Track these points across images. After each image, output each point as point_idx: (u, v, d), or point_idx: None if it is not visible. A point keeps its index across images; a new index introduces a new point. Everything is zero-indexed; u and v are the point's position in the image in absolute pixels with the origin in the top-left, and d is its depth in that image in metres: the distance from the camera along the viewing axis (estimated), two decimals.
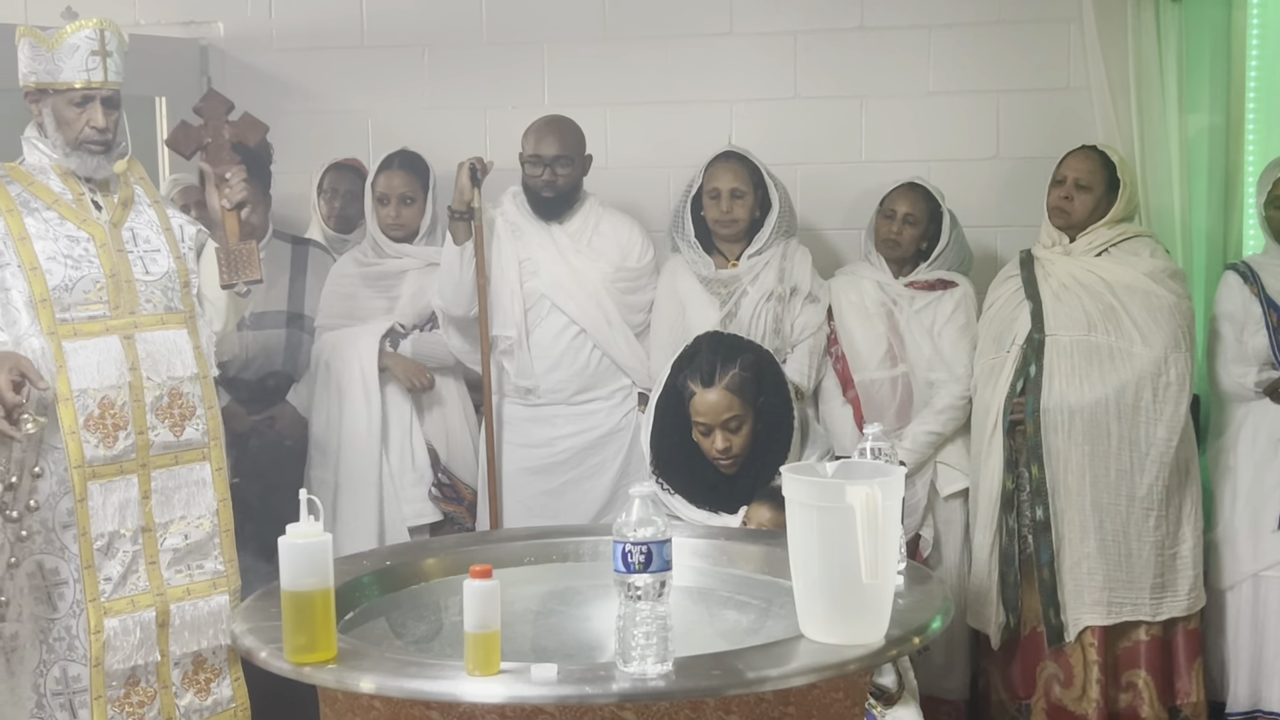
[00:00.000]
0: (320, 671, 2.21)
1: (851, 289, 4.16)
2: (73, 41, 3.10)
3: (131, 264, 3.19)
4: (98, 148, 3.16)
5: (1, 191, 3.14)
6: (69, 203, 3.17)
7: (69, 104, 3.13)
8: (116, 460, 3.12)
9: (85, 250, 3.14)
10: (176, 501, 3.21)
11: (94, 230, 3.17)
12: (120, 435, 3.11)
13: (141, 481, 3.16)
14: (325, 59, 4.83)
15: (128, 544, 3.14)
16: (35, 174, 3.18)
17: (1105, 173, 3.99)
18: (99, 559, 3.11)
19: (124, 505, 3.13)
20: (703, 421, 3.37)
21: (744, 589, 2.85)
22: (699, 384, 3.38)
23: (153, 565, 3.18)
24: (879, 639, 2.28)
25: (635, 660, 2.12)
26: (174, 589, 3.20)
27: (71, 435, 3.06)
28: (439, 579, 2.87)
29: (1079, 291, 3.91)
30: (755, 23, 4.64)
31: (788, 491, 2.30)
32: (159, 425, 3.17)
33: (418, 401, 4.15)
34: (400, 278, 4.21)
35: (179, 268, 3.27)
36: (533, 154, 4.07)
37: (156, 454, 3.18)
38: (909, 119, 4.60)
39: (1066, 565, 3.84)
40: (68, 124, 3.15)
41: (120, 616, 3.13)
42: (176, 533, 3.21)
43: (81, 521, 3.08)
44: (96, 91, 3.13)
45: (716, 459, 3.37)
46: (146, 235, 3.26)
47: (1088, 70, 4.43)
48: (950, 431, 4.05)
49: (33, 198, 3.15)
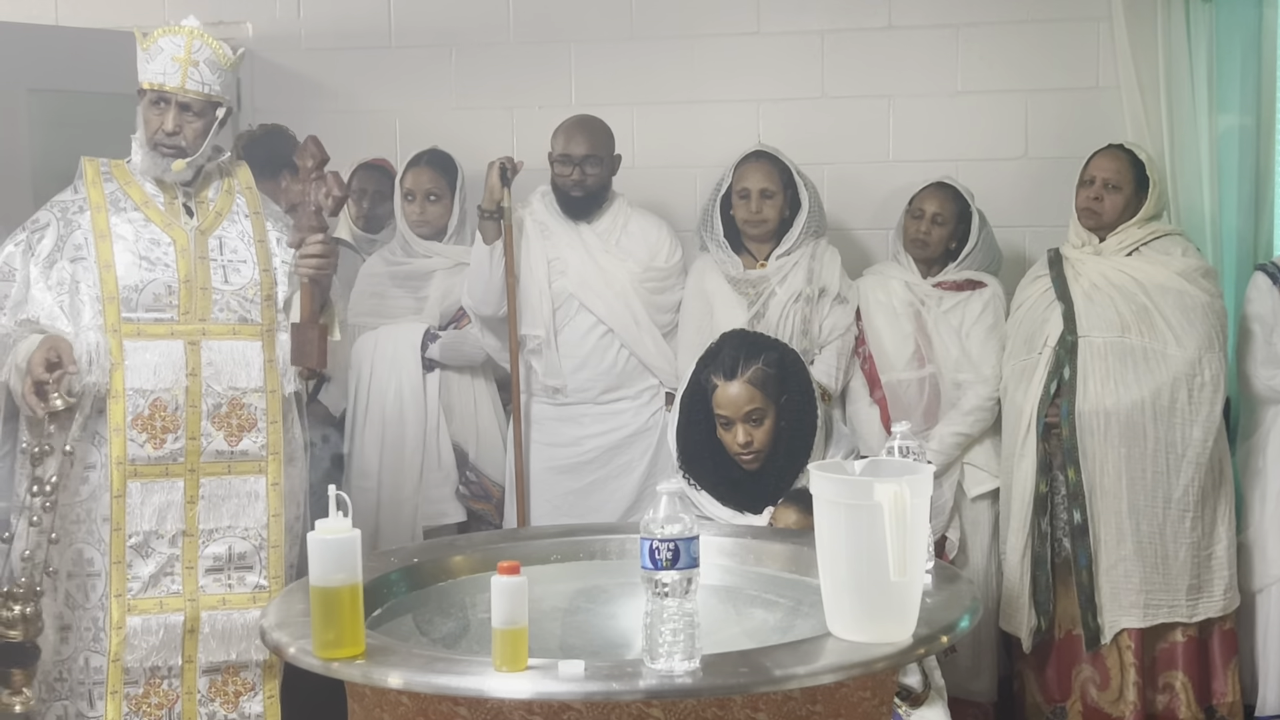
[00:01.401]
0: (349, 667, 2.22)
1: (879, 289, 4.15)
2: (160, 44, 3.18)
3: (211, 272, 3.22)
4: (169, 151, 3.20)
5: (97, 187, 3.22)
6: (159, 206, 3.24)
7: (149, 104, 3.21)
8: (161, 462, 3.15)
9: (164, 254, 3.19)
10: (225, 510, 3.21)
11: (177, 235, 3.22)
12: (169, 438, 3.14)
13: (188, 486, 3.18)
14: (353, 59, 4.85)
15: (165, 546, 3.16)
16: (134, 173, 3.25)
17: (1134, 172, 3.97)
18: (130, 556, 3.12)
19: (165, 508, 3.15)
20: (724, 414, 3.37)
21: (771, 587, 2.84)
22: (721, 377, 3.38)
23: (189, 570, 3.18)
24: (907, 638, 2.27)
25: (662, 657, 2.12)
26: (208, 597, 3.19)
27: (117, 432, 3.10)
28: (466, 576, 2.87)
29: (1111, 292, 3.89)
30: (782, 22, 4.64)
31: (816, 488, 2.29)
32: (214, 433, 3.18)
33: (446, 401, 4.16)
34: (428, 277, 4.23)
35: (264, 280, 3.28)
36: (562, 153, 4.08)
37: (208, 460, 3.18)
38: (937, 118, 4.59)
39: (1103, 568, 3.82)
40: (146, 123, 3.22)
41: (144, 615, 3.14)
42: (220, 541, 3.20)
43: (116, 517, 3.11)
44: (171, 95, 3.17)
45: (738, 454, 3.37)
46: (235, 245, 3.28)
47: (1117, 69, 4.41)
48: (978, 433, 4.03)
49: (124, 197, 3.23)
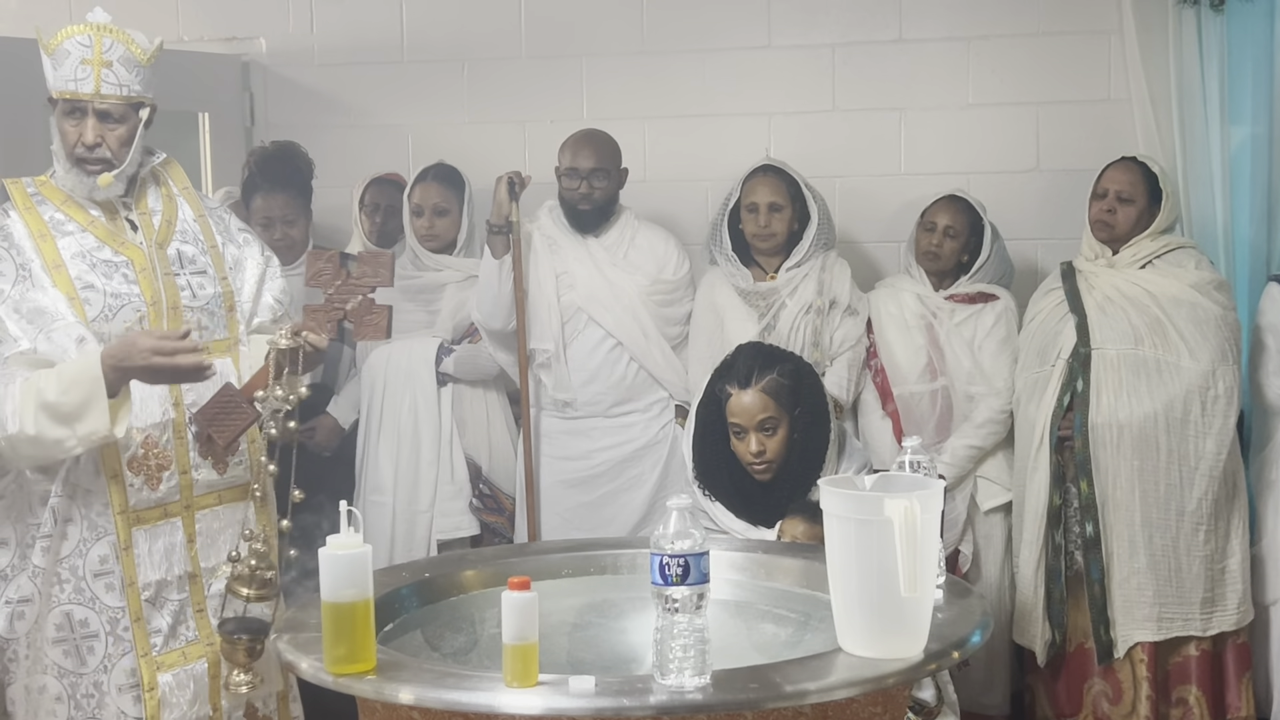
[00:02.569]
0: (359, 682, 2.22)
1: (891, 302, 4.14)
2: (66, 46, 2.82)
3: (179, 288, 2.95)
4: (93, 166, 2.86)
5: (32, 212, 2.87)
6: (104, 224, 2.91)
7: (63, 115, 2.86)
8: (161, 503, 2.91)
9: (125, 276, 2.88)
10: (222, 543, 2.99)
11: (133, 254, 2.91)
12: (164, 476, 2.90)
13: (186, 524, 2.95)
14: (366, 74, 4.87)
15: (174, 592, 2.94)
16: (66, 190, 2.91)
17: (1147, 184, 3.96)
18: (147, 611, 2.90)
19: (169, 551, 2.93)
20: (737, 422, 3.37)
21: (782, 602, 2.84)
22: (736, 386, 3.39)
23: (200, 613, 2.98)
24: (918, 653, 2.27)
25: (673, 673, 2.12)
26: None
27: (114, 479, 2.84)
28: (477, 591, 2.87)
29: (1124, 304, 3.88)
30: (793, 36, 4.65)
31: (826, 504, 2.29)
32: (202, 464, 2.96)
33: (460, 415, 4.17)
34: (440, 291, 4.23)
35: (224, 290, 3.03)
36: (569, 167, 4.09)
37: (200, 494, 2.97)
38: (949, 131, 4.59)
39: (1116, 581, 3.81)
40: (63, 136, 2.87)
41: (174, 670, 2.92)
42: (223, 577, 2.94)
43: (127, 572, 2.86)
44: (86, 103, 2.83)
45: (751, 463, 3.37)
46: (192, 255, 3.01)
47: (1129, 82, 4.41)
48: (991, 445, 4.03)
49: (66, 219, 2.89)
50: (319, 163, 4.44)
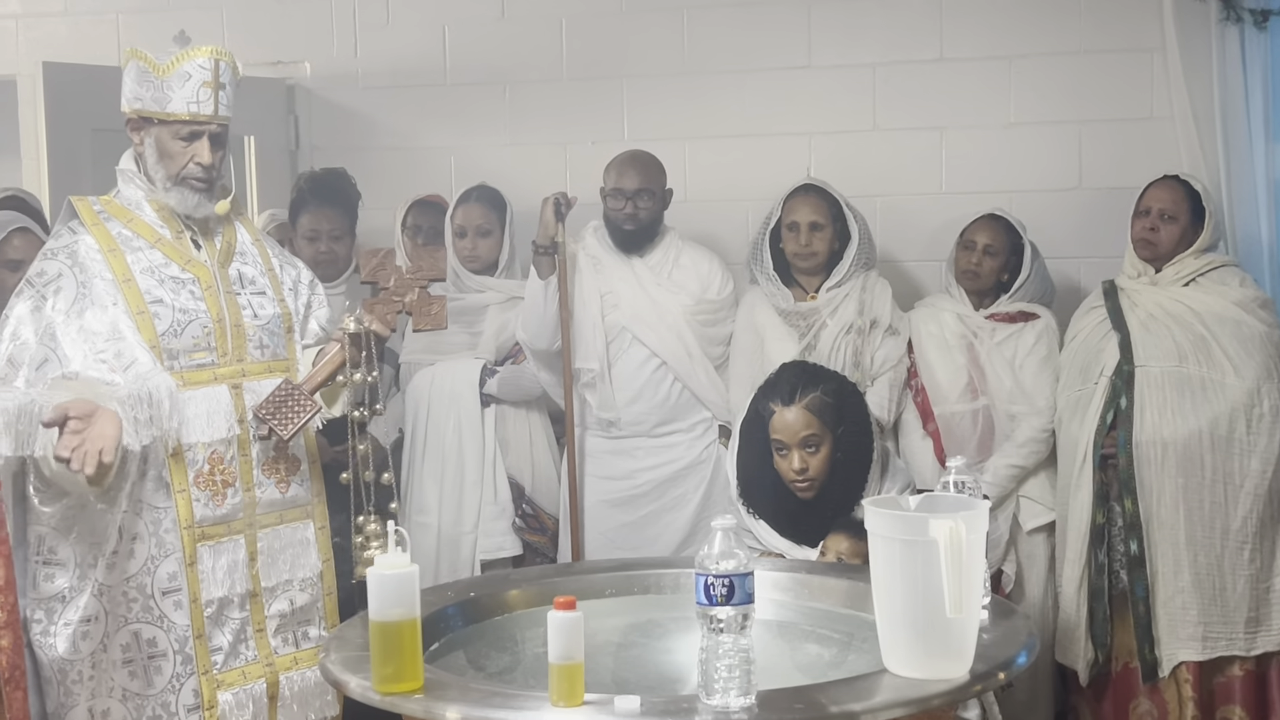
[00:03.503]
0: (407, 701, 2.24)
1: (931, 321, 4.14)
2: (185, 69, 2.89)
3: (241, 307, 3.00)
4: (200, 184, 2.95)
5: (99, 228, 2.93)
6: (170, 241, 2.97)
7: (174, 137, 2.92)
8: (225, 520, 2.93)
9: (191, 293, 2.94)
10: (282, 563, 3.02)
11: (199, 271, 2.98)
12: (229, 493, 2.93)
13: (248, 542, 2.97)
14: (409, 97, 4.92)
15: (235, 610, 2.95)
16: (132, 209, 2.97)
17: (1190, 202, 3.94)
18: (209, 628, 2.91)
19: (233, 568, 2.94)
20: (780, 439, 3.38)
21: (825, 622, 2.84)
22: (779, 403, 3.40)
23: (260, 633, 2.98)
24: (964, 674, 2.26)
25: (718, 693, 2.13)
26: (281, 658, 3.01)
27: (181, 493, 2.86)
28: (522, 610, 2.89)
29: (1168, 322, 3.86)
30: (833, 55, 4.66)
31: (870, 525, 2.29)
32: (265, 481, 2.99)
33: (503, 435, 4.19)
34: (482, 313, 4.26)
35: (283, 311, 3.08)
36: (614, 187, 4.12)
37: (262, 512, 2.99)
38: (989, 150, 4.58)
39: (1160, 600, 3.79)
40: (171, 158, 2.93)
41: (233, 689, 2.93)
42: (282, 597, 3.02)
43: (192, 588, 2.87)
44: (205, 126, 2.92)
45: (794, 481, 3.37)
46: (253, 276, 3.06)
47: (1171, 100, 4.39)
48: (1032, 465, 4.01)
49: (134, 235, 2.94)
50: (362, 185, 4.49)
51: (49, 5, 5.07)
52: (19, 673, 2.48)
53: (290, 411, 2.93)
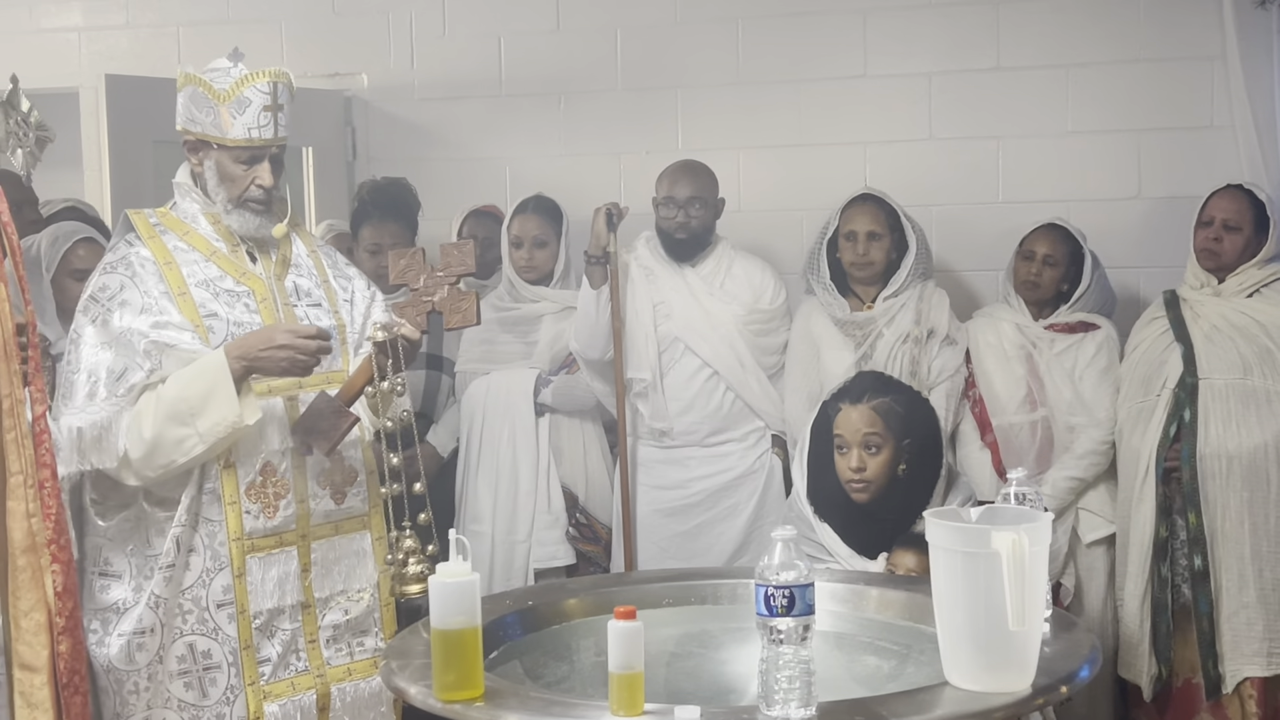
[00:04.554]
0: (469, 709, 2.25)
1: (990, 331, 4.11)
2: (246, 95, 2.89)
3: (297, 319, 3.00)
4: (260, 206, 2.98)
5: (157, 243, 2.95)
6: (226, 254, 2.99)
7: (235, 161, 2.93)
8: (276, 532, 2.93)
9: (246, 306, 2.96)
10: (337, 574, 3.02)
11: (254, 284, 3.00)
12: (281, 504, 2.93)
13: (301, 554, 2.97)
14: (465, 108, 4.95)
15: (286, 621, 2.96)
16: (188, 221, 2.99)
17: (1253, 212, 3.90)
18: (257, 639, 2.91)
19: (283, 580, 2.94)
20: (842, 435, 3.38)
21: (884, 634, 2.83)
22: (847, 402, 3.41)
23: (312, 644, 2.99)
24: (1025, 687, 2.25)
25: (778, 704, 2.12)
26: (334, 669, 3.01)
27: (231, 505, 2.88)
28: (579, 619, 2.89)
29: (1231, 333, 3.82)
30: (889, 65, 4.65)
31: (932, 537, 2.28)
32: (320, 493, 2.99)
33: (556, 444, 4.20)
34: (537, 322, 4.28)
35: (338, 323, 3.08)
36: (667, 196, 4.12)
37: (317, 523, 2.99)
38: (1047, 159, 4.55)
39: (1225, 615, 3.74)
40: (233, 181, 2.95)
41: (280, 701, 2.93)
42: (337, 608, 3.02)
43: (240, 599, 2.88)
44: (265, 150, 2.94)
45: (850, 480, 3.36)
46: (308, 288, 3.08)
47: (1232, 108, 4.34)
48: (1092, 477, 3.97)
49: (189, 248, 2.97)
50: (418, 195, 4.52)
51: (111, 18, 5.15)
52: (78, 678, 2.51)
53: (328, 425, 2.92)
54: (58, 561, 2.45)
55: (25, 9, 5.16)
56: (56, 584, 2.44)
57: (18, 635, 2.42)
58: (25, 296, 2.49)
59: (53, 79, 4.81)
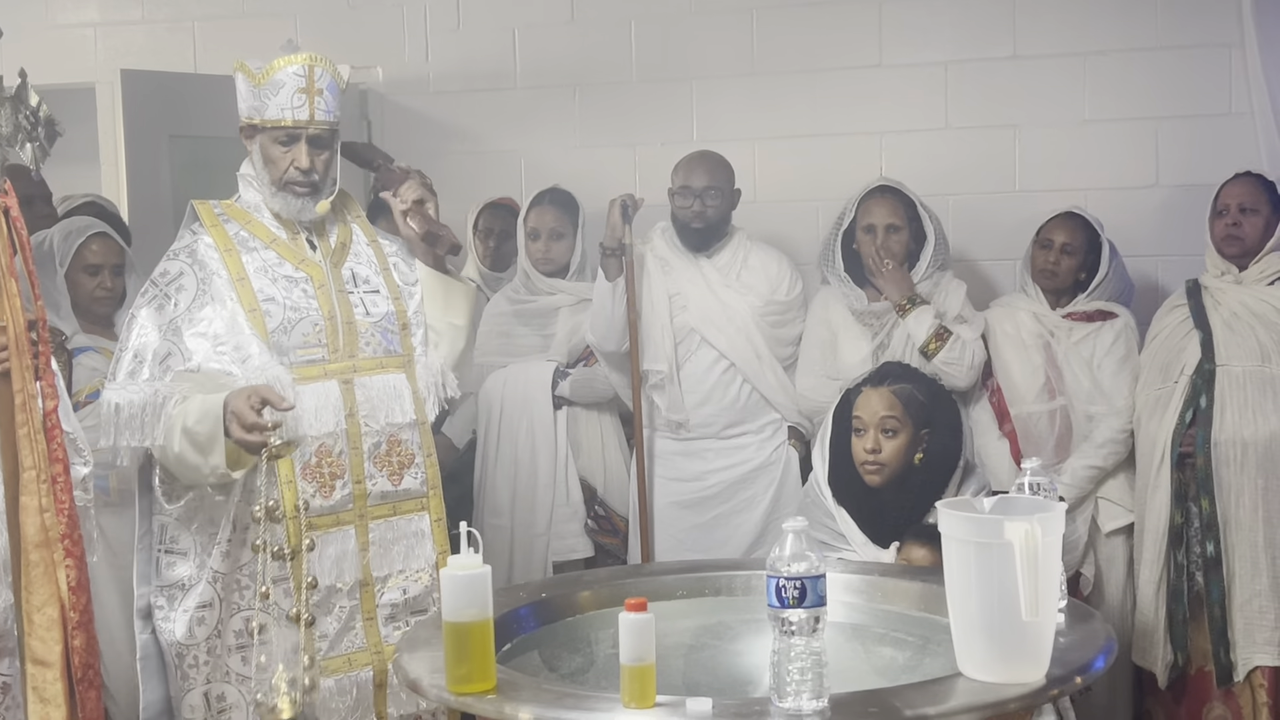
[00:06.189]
0: (481, 702, 2.25)
1: (1007, 321, 4.09)
2: (279, 78, 2.99)
3: (353, 305, 3.08)
4: (302, 189, 3.04)
5: (218, 229, 3.05)
6: (285, 241, 3.08)
7: (274, 142, 3.02)
8: (333, 511, 2.99)
9: (304, 291, 3.04)
10: (395, 554, 3.07)
11: (312, 270, 3.07)
12: (337, 484, 2.99)
13: (359, 533, 3.02)
14: (480, 101, 4.95)
15: (344, 599, 3.01)
16: (251, 211, 3.09)
17: (1269, 195, 3.88)
18: (315, 613, 2.96)
19: (341, 558, 3.00)
20: (860, 417, 3.40)
21: (899, 625, 2.82)
22: (869, 385, 3.43)
23: (370, 621, 3.04)
24: (1040, 678, 2.24)
25: (790, 696, 2.11)
26: (391, 647, 3.00)
27: (288, 485, 2.93)
28: (593, 611, 2.89)
29: (1251, 321, 3.80)
30: (905, 54, 4.63)
31: (944, 527, 2.27)
32: (377, 474, 3.04)
33: (574, 437, 4.20)
34: (554, 315, 4.28)
35: (398, 309, 3.15)
36: (682, 185, 4.11)
37: (374, 504, 3.04)
38: (1064, 147, 4.53)
39: (1237, 603, 3.72)
40: (273, 163, 3.04)
41: (336, 676, 2.99)
42: (395, 587, 3.07)
43: (297, 574, 2.93)
44: (302, 130, 3.01)
45: (864, 462, 3.36)
46: (366, 275, 3.15)
47: (1250, 95, 4.32)
48: (1111, 465, 3.95)
49: (250, 236, 3.05)
50: (434, 188, 4.51)
51: (127, 13, 5.17)
52: (92, 672, 2.54)
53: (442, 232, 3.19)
54: (71, 556, 2.48)
55: (42, 5, 5.18)
56: (70, 579, 2.47)
57: (31, 630, 2.45)
58: (35, 292, 2.52)
59: (69, 74, 4.82)
